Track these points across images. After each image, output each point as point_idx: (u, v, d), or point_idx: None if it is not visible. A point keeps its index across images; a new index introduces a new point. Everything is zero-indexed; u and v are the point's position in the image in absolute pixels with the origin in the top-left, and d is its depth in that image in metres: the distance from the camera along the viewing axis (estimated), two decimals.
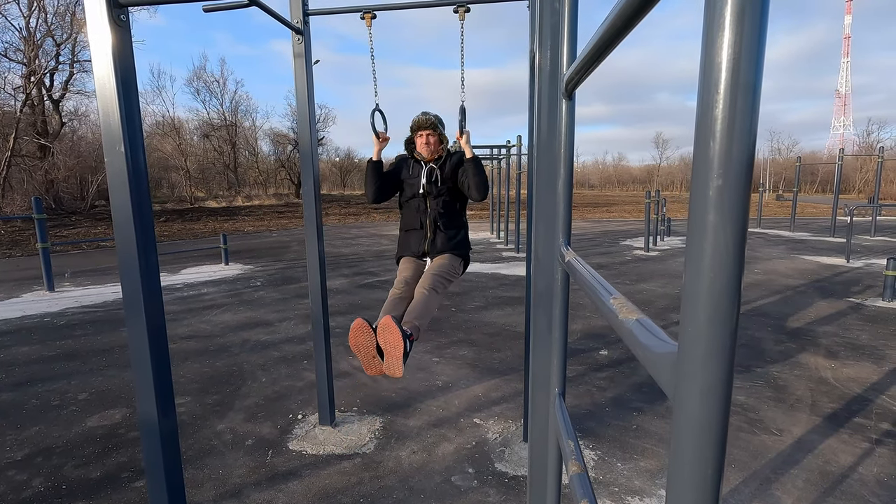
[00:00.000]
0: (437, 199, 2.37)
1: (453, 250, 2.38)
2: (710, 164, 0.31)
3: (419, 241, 2.41)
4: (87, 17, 1.38)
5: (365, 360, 1.87)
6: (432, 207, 2.38)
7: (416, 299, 2.15)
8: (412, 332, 1.97)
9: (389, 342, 1.83)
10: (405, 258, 2.46)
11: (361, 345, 1.85)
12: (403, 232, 2.50)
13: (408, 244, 2.45)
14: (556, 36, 1.04)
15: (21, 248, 11.00)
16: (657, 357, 0.39)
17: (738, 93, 0.30)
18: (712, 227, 0.31)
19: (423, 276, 2.27)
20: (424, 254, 2.41)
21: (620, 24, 0.55)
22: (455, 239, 2.39)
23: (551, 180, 1.07)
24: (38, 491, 2.35)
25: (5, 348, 4.41)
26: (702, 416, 0.33)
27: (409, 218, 2.46)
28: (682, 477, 0.34)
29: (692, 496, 0.33)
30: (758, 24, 0.29)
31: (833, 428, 2.90)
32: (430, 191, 2.37)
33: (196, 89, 33.87)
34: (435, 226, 2.37)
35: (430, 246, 2.37)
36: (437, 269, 2.28)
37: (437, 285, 2.20)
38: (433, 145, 2.40)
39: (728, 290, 0.31)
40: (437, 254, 2.37)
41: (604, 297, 0.57)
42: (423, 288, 2.18)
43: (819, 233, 13.67)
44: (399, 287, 2.26)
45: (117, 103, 1.41)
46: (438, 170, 2.38)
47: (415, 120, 2.44)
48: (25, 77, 18.64)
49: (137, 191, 1.47)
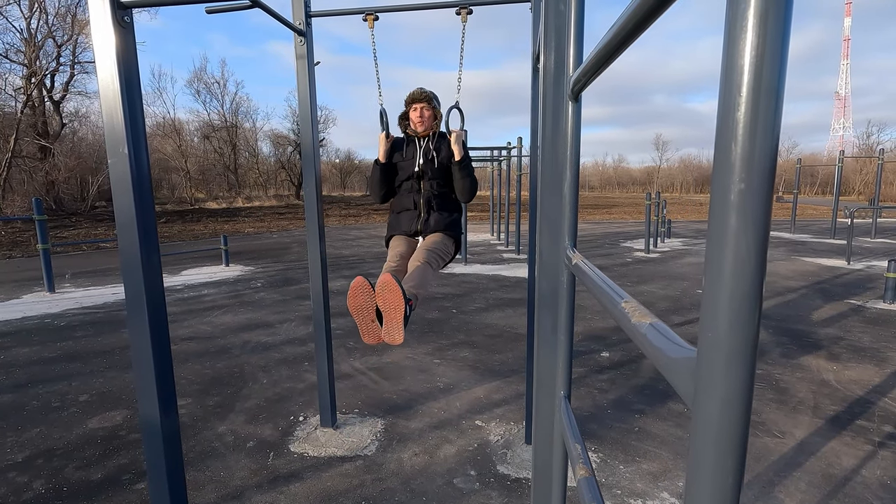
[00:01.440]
0: (432, 181, 2.34)
1: (445, 230, 2.35)
2: (731, 167, 0.30)
3: (411, 220, 2.36)
4: (90, 18, 1.38)
5: (363, 324, 1.77)
6: (426, 189, 2.35)
7: (411, 270, 2.08)
8: (411, 298, 1.86)
9: (389, 302, 1.72)
10: (396, 236, 2.40)
11: (361, 305, 1.75)
12: (395, 214, 2.44)
13: (399, 224, 2.40)
14: (560, 38, 1.04)
15: (21, 249, 10.99)
16: (674, 362, 0.39)
17: (762, 96, 0.29)
18: (734, 233, 0.30)
19: (417, 251, 2.22)
20: (417, 232, 2.36)
21: (630, 28, 0.55)
22: (448, 220, 2.36)
23: (556, 182, 1.06)
24: (38, 493, 2.34)
25: (6, 350, 4.40)
26: (722, 424, 0.32)
27: (402, 199, 2.41)
28: (702, 486, 0.34)
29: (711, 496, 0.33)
30: (781, 25, 0.28)
31: (835, 430, 2.89)
32: (426, 170, 2.34)
33: (197, 90, 33.94)
34: (429, 206, 2.34)
35: (424, 225, 2.33)
36: (431, 245, 2.23)
37: (432, 260, 2.14)
38: (427, 120, 2.37)
39: (749, 296, 0.31)
40: (430, 233, 2.34)
41: (615, 301, 0.56)
42: (417, 261, 2.11)
43: (819, 234, 13.67)
44: (394, 260, 2.19)
45: (121, 105, 1.40)
46: (434, 149, 2.36)
47: (409, 94, 2.41)
48: (26, 78, 18.66)
49: (140, 192, 1.47)
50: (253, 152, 37.85)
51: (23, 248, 11.21)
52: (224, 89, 34.64)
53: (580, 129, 0.97)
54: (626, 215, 23.41)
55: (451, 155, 2.36)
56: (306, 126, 2.69)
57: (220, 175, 33.79)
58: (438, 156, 2.37)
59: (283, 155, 37.08)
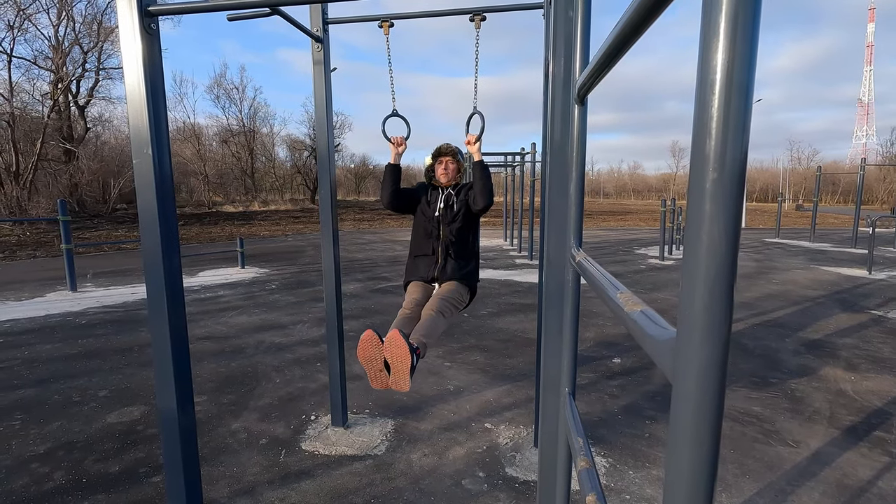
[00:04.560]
0: (451, 226, 2.38)
1: (462, 279, 2.38)
2: (706, 159, 0.33)
3: (429, 266, 2.40)
4: (119, 25, 1.45)
5: (372, 372, 1.87)
6: (445, 234, 2.39)
7: (423, 319, 2.16)
8: (419, 346, 1.96)
9: (396, 356, 1.82)
10: (413, 282, 2.44)
11: (369, 356, 1.85)
12: (413, 257, 2.49)
13: (416, 269, 2.44)
14: (569, 43, 1.07)
15: (45, 250, 11.30)
16: (659, 344, 0.41)
17: (733, 93, 0.32)
18: (708, 217, 0.33)
19: (431, 299, 2.26)
20: (434, 279, 2.39)
21: (629, 30, 0.58)
22: (465, 269, 2.38)
23: (563, 183, 1.09)
24: (59, 484, 2.41)
25: (29, 346, 4.54)
26: (698, 395, 0.35)
27: (420, 242, 2.45)
28: (680, 455, 0.36)
29: (690, 469, 0.35)
30: (750, 27, 0.31)
31: (852, 441, 2.85)
32: (446, 215, 2.38)
33: (216, 96, 34.61)
34: (446, 252, 2.37)
35: (440, 272, 2.36)
36: (445, 294, 2.28)
37: (445, 309, 2.20)
38: (452, 172, 2.45)
39: (722, 275, 0.33)
40: (447, 280, 2.37)
41: (611, 293, 0.59)
42: (430, 310, 2.18)
43: (840, 243, 13.40)
44: (409, 307, 2.25)
45: (146, 107, 1.47)
46: (455, 196, 2.41)
47: (437, 148, 2.51)
48: (53, 84, 19.25)
49: (162, 190, 1.53)
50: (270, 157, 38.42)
51: (46, 248, 11.53)
52: (243, 95, 35.27)
53: (586, 132, 1.00)
54: (641, 222, 23.22)
55: (468, 199, 2.39)
56: (322, 130, 2.76)
57: (237, 179, 34.34)
58: (458, 200, 2.40)
59: (298, 160, 37.56)
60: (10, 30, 17.52)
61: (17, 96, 18.36)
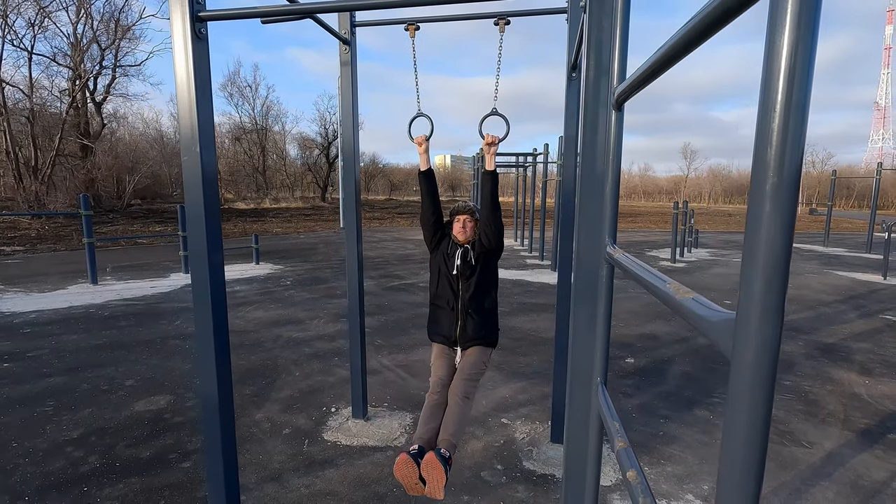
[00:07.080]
0: (469, 281, 2.45)
1: (483, 340, 2.44)
2: (767, 165, 0.39)
3: (450, 324, 2.46)
4: (171, 29, 1.53)
5: (408, 485, 2.01)
6: (464, 290, 2.45)
7: (450, 409, 2.25)
8: (449, 451, 2.09)
9: (433, 476, 1.96)
10: (437, 346, 2.51)
11: (406, 475, 1.99)
12: (434, 306, 2.55)
13: (438, 323, 2.50)
14: (600, 50, 1.12)
15: (65, 243, 11.52)
16: (715, 325, 0.47)
17: (792, 110, 0.38)
18: (767, 216, 0.39)
19: (456, 379, 2.35)
20: (455, 342, 2.47)
21: (681, 46, 0.63)
22: (485, 327, 2.45)
23: (596, 184, 1.15)
24: (94, 467, 2.51)
25: (56, 336, 4.67)
26: (755, 368, 0.41)
27: (439, 290, 2.51)
28: (738, 422, 0.42)
29: (746, 428, 0.41)
30: (807, 58, 0.37)
31: (866, 443, 2.87)
32: (464, 272, 2.45)
33: (230, 94, 34.94)
34: (466, 312, 2.44)
35: (461, 333, 2.43)
36: (469, 372, 2.35)
37: (470, 392, 2.30)
38: (469, 231, 2.50)
39: (779, 266, 0.39)
40: (468, 342, 2.43)
41: (659, 284, 0.65)
42: (456, 396, 2.27)
43: (854, 248, 13.28)
44: (435, 391, 2.35)
45: (195, 107, 1.55)
46: (472, 250, 2.45)
47: (455, 206, 2.56)
48: (71, 81, 19.58)
49: (208, 188, 1.61)
50: (281, 155, 38.74)
51: (66, 241, 11.75)
52: (255, 93, 35.59)
53: (622, 136, 1.06)
54: (652, 224, 23.11)
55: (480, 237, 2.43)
56: (348, 128, 2.83)
57: (248, 176, 34.66)
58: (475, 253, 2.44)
59: (309, 158, 37.82)
60: (31, 27, 17.85)
61: (36, 92, 18.71)
